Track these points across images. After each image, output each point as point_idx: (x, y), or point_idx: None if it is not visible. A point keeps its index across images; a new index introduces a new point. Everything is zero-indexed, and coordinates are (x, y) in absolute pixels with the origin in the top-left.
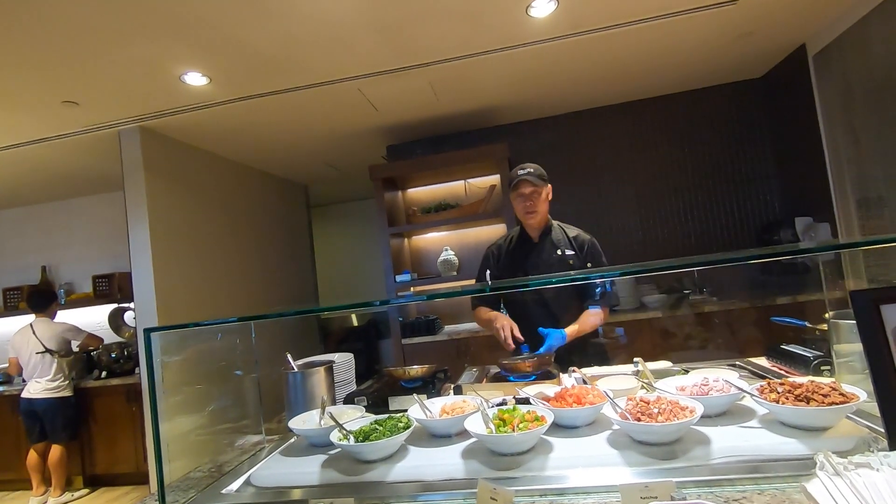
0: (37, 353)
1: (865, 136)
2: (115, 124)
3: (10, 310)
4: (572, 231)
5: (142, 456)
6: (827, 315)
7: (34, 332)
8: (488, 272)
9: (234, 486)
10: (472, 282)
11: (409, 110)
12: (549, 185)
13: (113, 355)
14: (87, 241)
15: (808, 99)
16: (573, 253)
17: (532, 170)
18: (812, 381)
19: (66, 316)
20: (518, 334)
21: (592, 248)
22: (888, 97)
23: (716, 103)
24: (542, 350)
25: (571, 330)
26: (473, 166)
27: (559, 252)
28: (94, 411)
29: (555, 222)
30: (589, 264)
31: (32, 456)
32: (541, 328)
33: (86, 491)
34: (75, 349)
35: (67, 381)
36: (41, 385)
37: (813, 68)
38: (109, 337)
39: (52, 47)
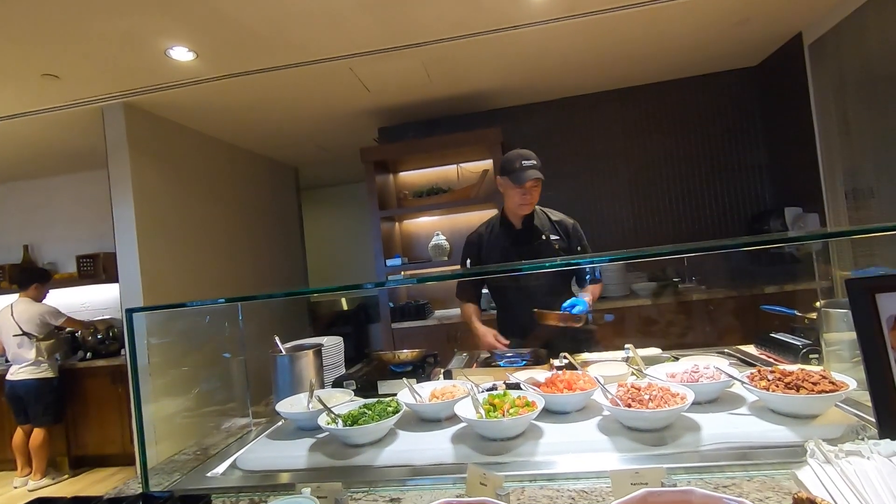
0: (13, 335)
1: (857, 127)
2: (98, 100)
3: None
4: (555, 216)
5: (128, 437)
6: (818, 304)
7: (12, 314)
8: (468, 261)
9: (220, 469)
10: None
11: (401, 92)
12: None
13: (98, 336)
14: (70, 220)
15: (802, 89)
16: (558, 238)
17: (536, 162)
18: (802, 370)
19: (50, 296)
20: (501, 338)
21: (577, 231)
22: (881, 89)
23: (710, 91)
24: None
25: (589, 298)
26: (466, 150)
27: (544, 237)
28: (80, 393)
29: (537, 207)
30: (579, 248)
31: (18, 436)
32: (571, 300)
33: (68, 474)
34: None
35: (48, 364)
36: (22, 367)
37: (808, 58)
38: (91, 318)
39: (32, 16)
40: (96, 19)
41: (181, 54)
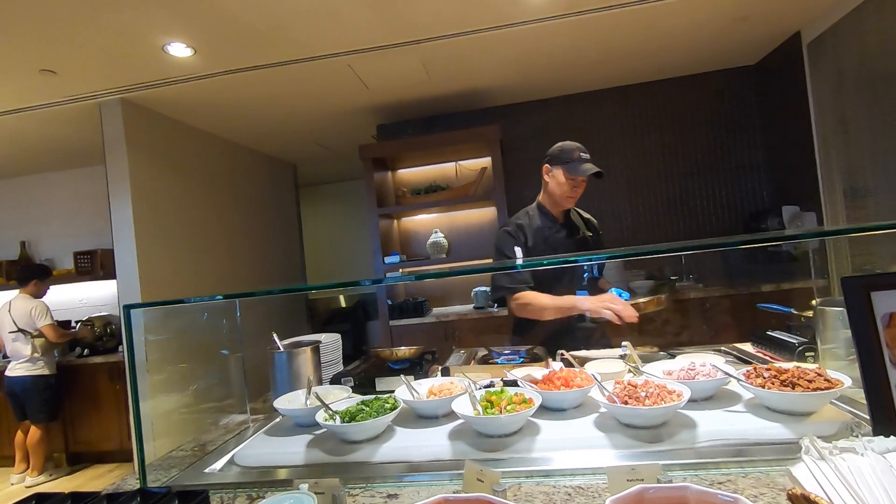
0: (9, 332)
1: (855, 126)
2: (95, 95)
3: None
4: (585, 213)
5: (126, 434)
6: (813, 302)
7: (10, 310)
8: (518, 249)
9: (218, 465)
10: (463, 264)
11: (400, 89)
12: None
13: (96, 332)
14: (67, 217)
15: (800, 87)
16: (591, 234)
17: (589, 156)
18: (798, 367)
19: (48, 293)
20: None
21: (599, 230)
22: (880, 88)
23: (708, 90)
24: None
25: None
26: (465, 148)
27: (581, 233)
28: (78, 389)
29: None
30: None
31: (19, 433)
32: (615, 290)
33: (66, 471)
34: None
35: (44, 361)
36: (19, 363)
37: (807, 56)
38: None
39: (29, 12)
40: (94, 14)
41: (179, 50)
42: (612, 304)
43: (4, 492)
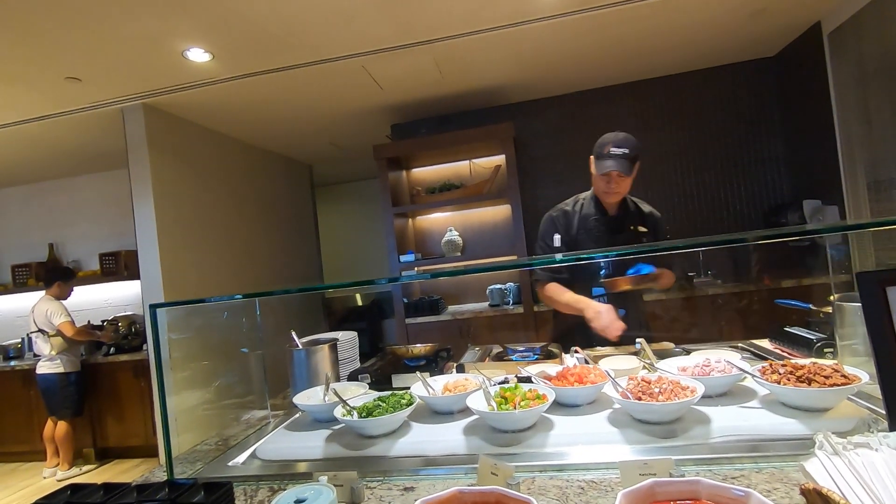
0: (31, 331)
1: (879, 117)
2: (118, 101)
3: (19, 286)
4: (645, 207)
5: (151, 429)
6: (832, 297)
7: (33, 310)
8: (557, 236)
9: (241, 458)
10: (477, 262)
11: (414, 89)
12: (638, 162)
13: (121, 332)
14: (93, 219)
15: (821, 79)
16: (646, 231)
17: (627, 150)
18: (814, 363)
19: (74, 294)
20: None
21: (662, 227)
22: None
23: (726, 83)
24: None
25: (659, 271)
26: (478, 146)
27: (632, 228)
28: (104, 387)
29: (627, 196)
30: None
31: (48, 427)
32: (636, 266)
33: (95, 465)
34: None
35: (63, 359)
36: (42, 362)
37: (827, 47)
38: (114, 314)
39: (54, 23)
40: (116, 23)
41: (198, 55)
42: (599, 322)
43: (37, 485)
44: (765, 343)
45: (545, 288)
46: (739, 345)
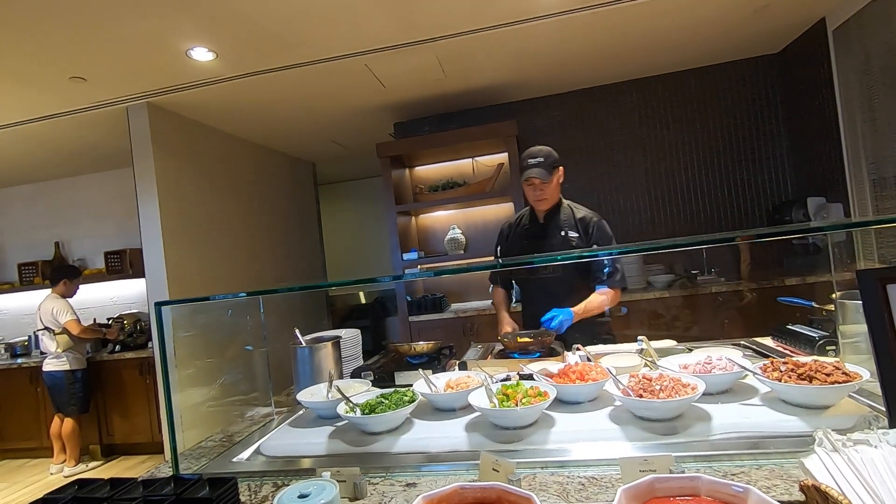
0: (37, 330)
1: (883, 114)
2: (122, 100)
3: (26, 284)
4: (580, 212)
5: (156, 426)
6: (833, 295)
7: (40, 308)
8: (499, 248)
9: (245, 454)
10: (481, 259)
11: (416, 87)
12: (560, 168)
13: (126, 329)
14: (98, 217)
15: (825, 75)
16: (577, 235)
17: (542, 159)
18: (816, 361)
19: (80, 292)
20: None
21: (599, 230)
22: None
23: (729, 80)
24: (550, 326)
25: (578, 308)
26: (481, 144)
27: (563, 234)
28: (110, 384)
29: (566, 202)
30: (595, 245)
31: (55, 424)
32: (551, 312)
33: (101, 461)
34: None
35: (69, 356)
36: (49, 359)
37: (832, 43)
38: (119, 312)
39: (59, 23)
40: (120, 23)
41: (201, 54)
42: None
43: (44, 481)
44: (767, 341)
45: (492, 291)
46: (742, 342)
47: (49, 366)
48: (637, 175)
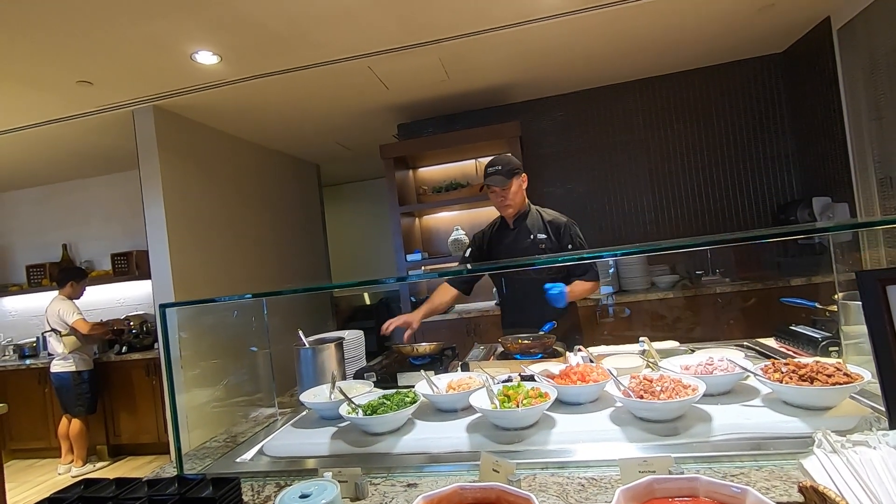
0: (44, 331)
1: (889, 113)
2: (128, 104)
3: (34, 286)
4: (549, 215)
5: (162, 427)
6: (836, 296)
7: (47, 310)
8: (468, 252)
9: (249, 455)
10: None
11: (419, 88)
12: (524, 175)
13: (133, 331)
14: (105, 220)
15: (830, 75)
16: (545, 237)
17: (500, 167)
18: (817, 362)
19: (87, 293)
20: (411, 327)
21: (569, 231)
22: None
23: (734, 79)
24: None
25: (567, 289)
26: (485, 145)
27: (532, 237)
28: (116, 385)
29: (534, 207)
30: (570, 246)
31: (63, 425)
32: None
33: (108, 461)
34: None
35: (76, 357)
36: (56, 360)
37: (837, 42)
38: (126, 313)
39: (66, 27)
40: (125, 27)
41: (206, 58)
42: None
43: (52, 481)
44: (770, 342)
45: (442, 285)
46: (745, 343)
47: (56, 367)
48: (641, 175)
